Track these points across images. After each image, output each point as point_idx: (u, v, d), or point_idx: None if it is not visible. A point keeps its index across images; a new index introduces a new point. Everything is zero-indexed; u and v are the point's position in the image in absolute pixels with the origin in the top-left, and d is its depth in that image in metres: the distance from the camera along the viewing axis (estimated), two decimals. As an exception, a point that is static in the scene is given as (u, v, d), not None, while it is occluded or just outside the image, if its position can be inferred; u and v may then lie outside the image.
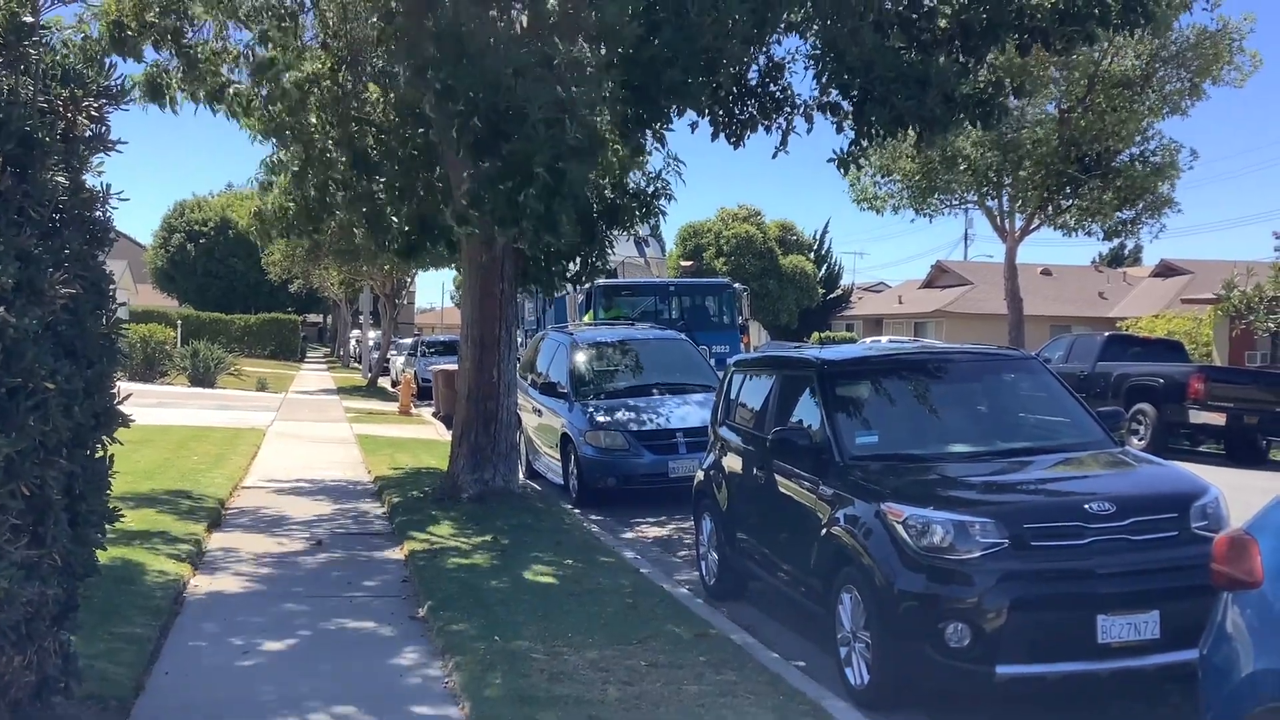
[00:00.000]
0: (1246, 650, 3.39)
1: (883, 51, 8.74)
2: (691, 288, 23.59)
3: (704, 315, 22.05)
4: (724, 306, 22.45)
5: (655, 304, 21.78)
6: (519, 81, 7.47)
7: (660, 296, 22.12)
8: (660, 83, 8.02)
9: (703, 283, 25.94)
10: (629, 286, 22.95)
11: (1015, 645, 5.62)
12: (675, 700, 5.70)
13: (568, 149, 7.67)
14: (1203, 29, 26.60)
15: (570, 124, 7.52)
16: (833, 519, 6.60)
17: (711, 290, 23.30)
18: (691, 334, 18.50)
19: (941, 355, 8.13)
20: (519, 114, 7.55)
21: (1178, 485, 6.34)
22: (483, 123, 7.74)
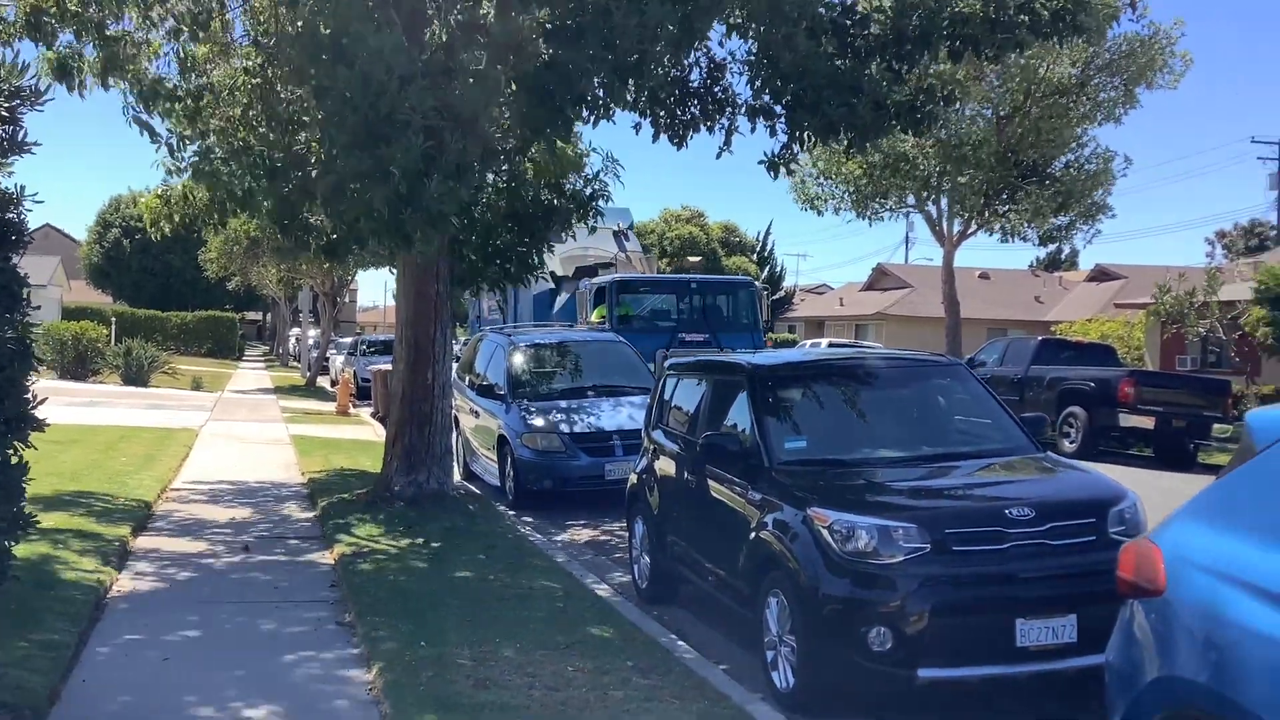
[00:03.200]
0: (1150, 657, 3.45)
1: (816, 58, 8.80)
2: (712, 285, 22.22)
3: (725, 315, 20.83)
4: (746, 306, 21.02)
5: (674, 302, 20.63)
6: (406, 89, 7.44)
7: (679, 294, 20.81)
8: (570, 88, 8.03)
9: (724, 280, 24.80)
10: (646, 283, 21.68)
11: (936, 649, 5.69)
12: (600, 705, 5.70)
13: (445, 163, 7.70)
14: (1135, 36, 27.12)
15: (452, 135, 7.55)
16: (761, 523, 6.63)
17: (733, 288, 21.85)
18: (714, 335, 18.59)
19: (871, 361, 8.20)
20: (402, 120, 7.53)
21: (1096, 491, 6.45)
22: (361, 125, 7.70)
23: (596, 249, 23.18)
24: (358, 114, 7.51)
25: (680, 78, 9.70)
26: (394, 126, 7.57)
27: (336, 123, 7.71)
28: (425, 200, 7.65)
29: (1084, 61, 27.20)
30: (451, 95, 8.17)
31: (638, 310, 20.18)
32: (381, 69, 7.37)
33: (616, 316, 19.30)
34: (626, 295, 20.21)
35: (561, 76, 7.96)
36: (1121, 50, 27.14)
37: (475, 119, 8.34)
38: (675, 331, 19.27)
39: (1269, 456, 3.32)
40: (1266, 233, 57.05)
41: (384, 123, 7.53)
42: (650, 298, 20.79)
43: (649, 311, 20.25)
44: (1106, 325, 38.15)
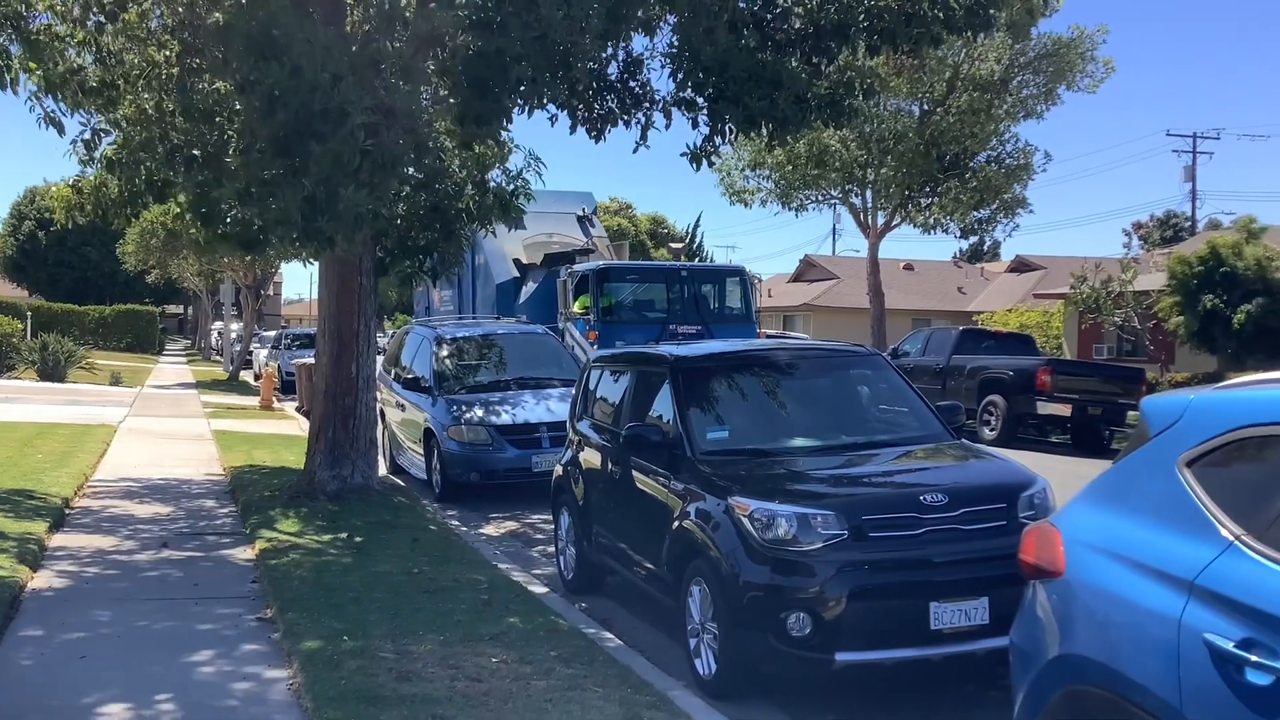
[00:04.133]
0: (1051, 636, 3.57)
1: (736, 51, 8.87)
2: (703, 273, 20.87)
3: (717, 305, 19.60)
4: (740, 295, 19.81)
5: (663, 292, 19.23)
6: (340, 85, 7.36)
7: (668, 283, 19.33)
8: (506, 79, 8.00)
9: (716, 268, 23.68)
10: (632, 271, 20.26)
11: (853, 633, 5.80)
12: (523, 696, 5.72)
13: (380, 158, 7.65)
14: (1058, 37, 27.70)
15: (388, 131, 7.50)
16: (684, 513, 6.71)
17: (725, 276, 20.49)
18: (706, 327, 17.65)
19: (791, 352, 8.32)
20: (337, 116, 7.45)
21: (1007, 477, 6.61)
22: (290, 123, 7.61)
23: (561, 235, 22.19)
24: (288, 111, 7.40)
25: (598, 71, 9.72)
26: (328, 123, 7.47)
27: (261, 119, 7.60)
28: (341, 205, 7.58)
29: (1008, 59, 27.71)
30: (380, 89, 8.09)
31: (624, 300, 18.83)
32: (315, 65, 7.27)
33: (601, 307, 18.14)
34: (611, 284, 18.84)
35: (496, 67, 7.93)
36: (1045, 50, 27.70)
37: (408, 113, 8.27)
38: (665, 323, 18.04)
39: (1160, 442, 3.45)
40: (1181, 224, 58.54)
41: (317, 119, 7.43)
42: (637, 287, 19.40)
43: (636, 302, 18.96)
44: (1026, 315, 38.95)
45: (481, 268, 22.18)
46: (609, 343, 15.92)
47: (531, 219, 20.63)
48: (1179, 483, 3.28)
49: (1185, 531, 3.18)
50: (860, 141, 28.50)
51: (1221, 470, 3.20)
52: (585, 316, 17.96)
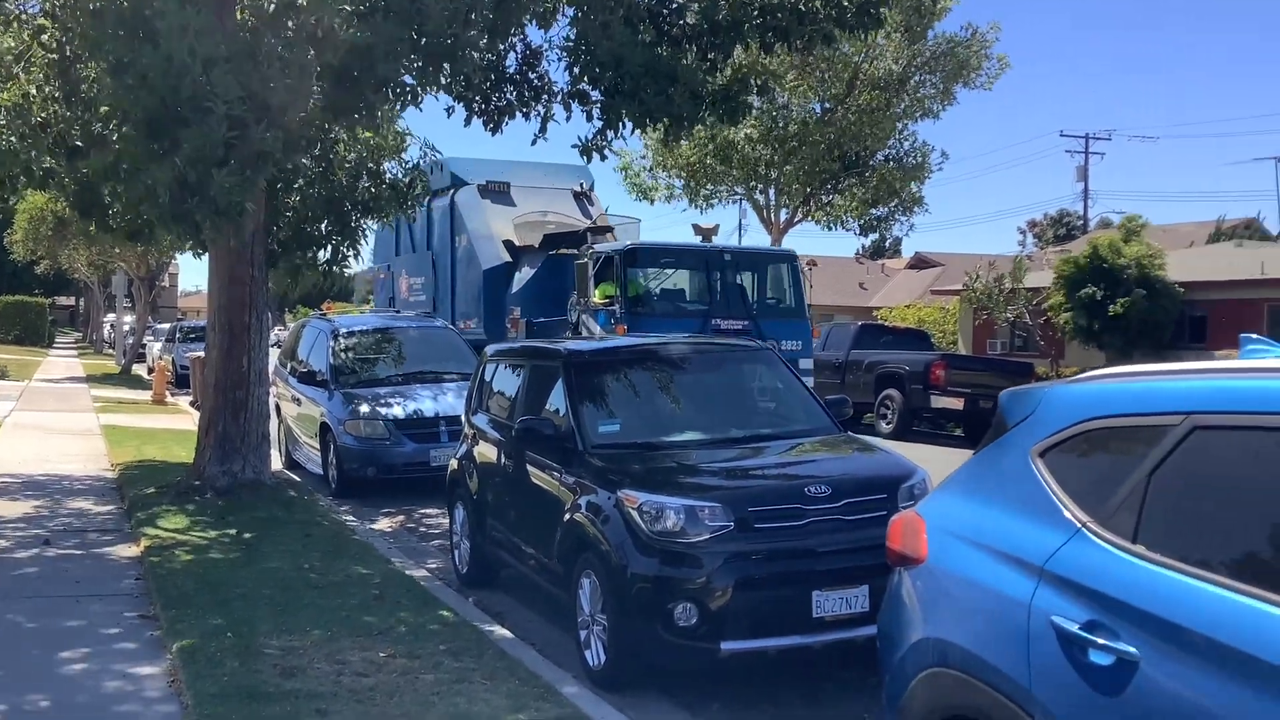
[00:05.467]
0: (914, 621, 3.68)
1: (632, 46, 8.91)
2: (750, 258, 16.83)
3: (765, 295, 16.33)
4: (790, 284, 16.40)
5: (702, 279, 15.78)
6: (210, 72, 7.24)
7: (709, 268, 15.55)
8: (373, 73, 7.95)
9: (764, 252, 19.11)
10: (667, 253, 16.48)
11: (739, 622, 5.91)
12: (409, 689, 5.71)
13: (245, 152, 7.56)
14: (953, 37, 28.33)
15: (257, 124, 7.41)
16: (575, 506, 6.75)
17: (774, 262, 16.91)
18: (753, 321, 14.83)
19: (683, 346, 8.41)
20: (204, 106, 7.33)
21: (888, 469, 6.78)
22: (158, 107, 7.47)
23: (557, 213, 19.11)
24: (155, 96, 7.25)
25: (495, 63, 9.69)
26: (195, 111, 7.34)
27: (131, 102, 7.43)
28: (213, 190, 7.45)
29: (905, 59, 28.26)
30: (257, 81, 7.96)
31: (656, 288, 15.78)
32: (185, 50, 7.13)
33: (629, 296, 14.85)
34: (641, 269, 15.55)
35: (365, 62, 7.86)
36: (941, 50, 28.30)
37: (282, 107, 8.15)
38: (707, 316, 14.73)
39: (1016, 433, 3.59)
40: (1074, 222, 60.28)
41: (184, 106, 7.30)
42: (671, 273, 16.36)
43: (670, 290, 15.90)
44: (924, 311, 39.77)
45: (463, 250, 18.78)
46: None
47: (523, 195, 18.79)
48: (1032, 472, 3.41)
49: (1037, 519, 3.31)
50: (765, 140, 28.79)
51: (1070, 460, 3.34)
52: (609, 307, 14.68)
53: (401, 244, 21.54)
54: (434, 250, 19.80)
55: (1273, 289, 28.48)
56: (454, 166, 19.08)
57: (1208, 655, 2.65)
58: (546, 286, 17.03)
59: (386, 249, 22.30)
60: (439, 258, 19.68)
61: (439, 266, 19.75)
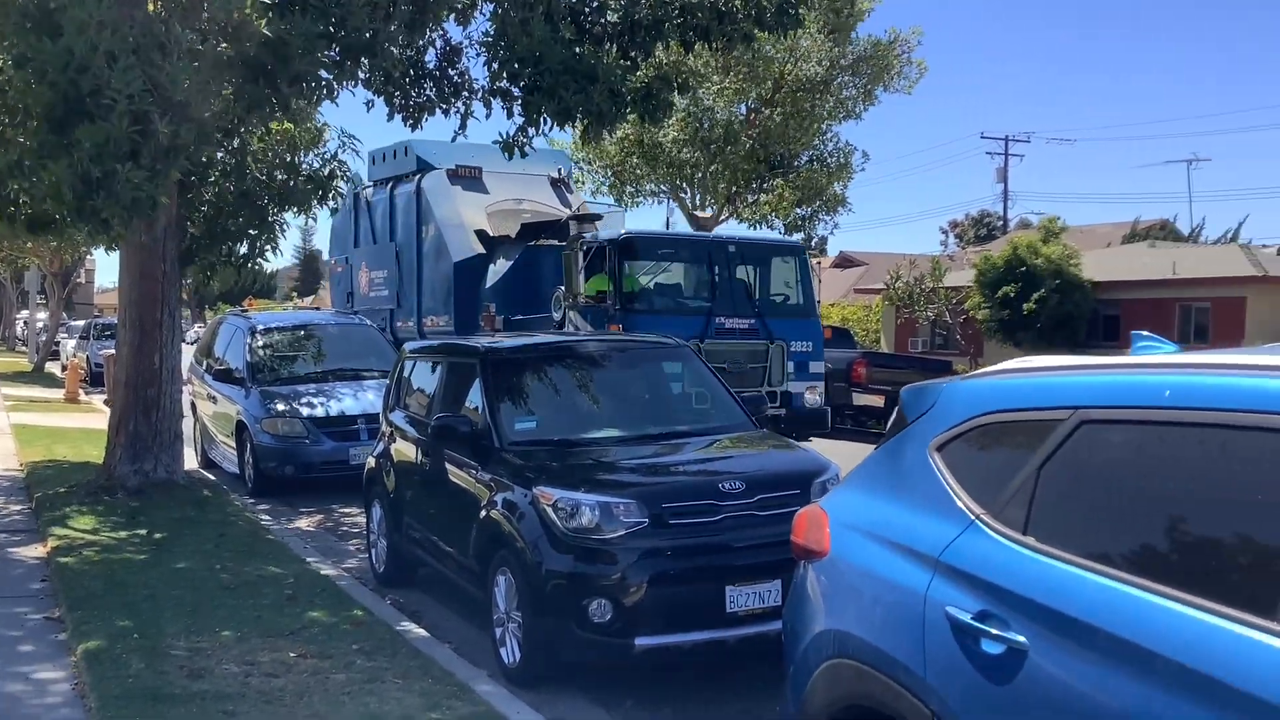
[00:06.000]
0: (816, 613, 3.73)
1: (552, 44, 8.90)
2: (757, 250, 14.91)
3: (773, 291, 14.63)
4: (799, 279, 14.69)
5: (703, 271, 14.11)
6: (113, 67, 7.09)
7: (712, 260, 13.85)
8: (286, 68, 7.85)
9: (772, 242, 17.32)
10: (665, 243, 14.77)
11: (653, 618, 5.93)
12: (319, 690, 5.65)
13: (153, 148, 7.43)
14: (876, 40, 28.69)
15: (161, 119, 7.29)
16: (491, 503, 6.73)
17: (782, 255, 15.16)
18: (760, 319, 13.41)
19: (601, 344, 8.42)
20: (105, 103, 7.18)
21: (802, 464, 6.85)
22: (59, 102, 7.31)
23: (533, 201, 17.51)
24: (55, 90, 7.08)
25: (415, 59, 9.62)
26: (98, 106, 7.18)
27: (33, 96, 7.25)
28: (119, 185, 7.29)
29: (829, 61, 28.54)
30: (165, 74, 7.81)
31: (654, 282, 14.03)
32: (86, 44, 6.96)
33: (624, 291, 13.21)
34: (637, 260, 13.79)
35: (279, 56, 7.76)
36: (863, 53, 28.64)
37: (191, 100, 8.00)
38: (710, 314, 13.18)
39: (916, 427, 3.65)
40: (994, 223, 61.35)
41: (87, 100, 7.13)
42: (670, 265, 14.48)
43: (669, 285, 14.22)
44: (848, 310, 40.25)
45: (431, 240, 16.96)
46: None
47: (495, 181, 16.95)
48: (929, 466, 3.47)
49: (934, 512, 3.37)
50: (690, 142, 28.90)
51: (966, 454, 3.41)
52: (601, 303, 13.09)
53: (361, 234, 19.42)
54: (397, 241, 17.81)
55: (1183, 288, 29.31)
56: (420, 149, 17.28)
57: (1092, 643, 2.72)
58: (525, 280, 15.41)
59: (344, 240, 20.28)
60: (403, 249, 17.73)
61: (403, 259, 17.86)
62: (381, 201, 17.94)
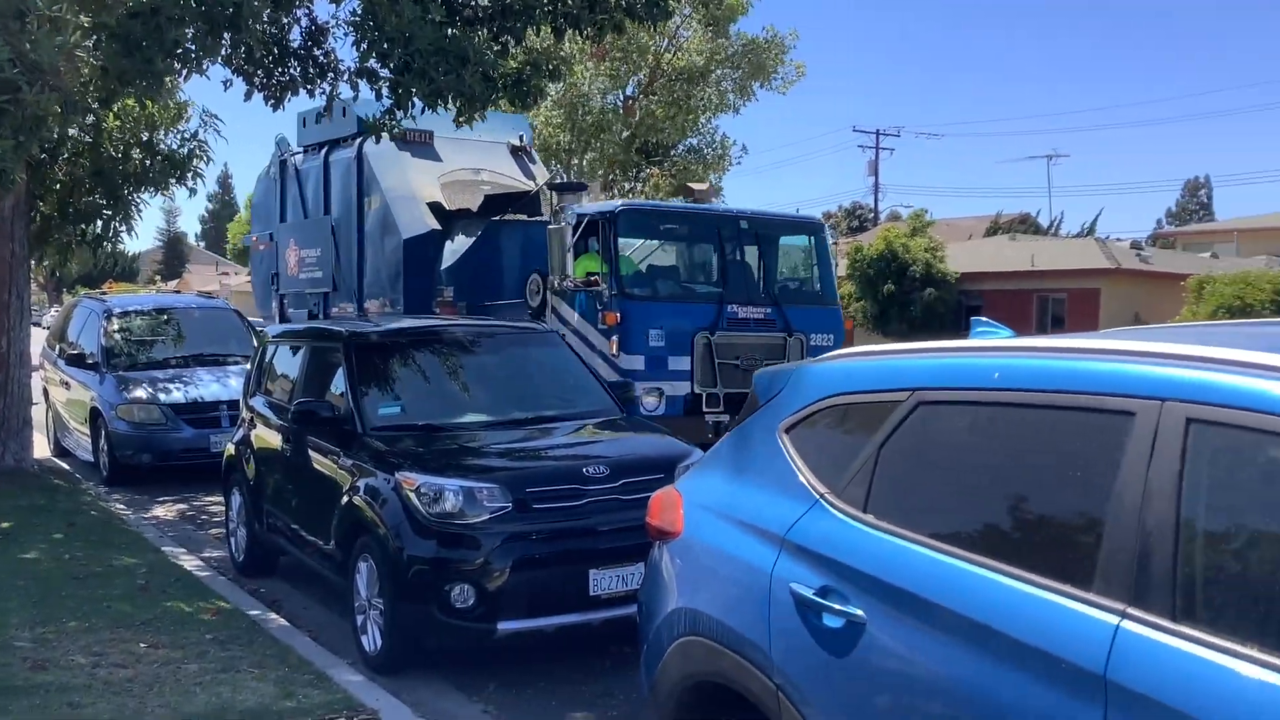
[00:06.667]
0: (670, 593, 3.79)
1: (422, 24, 8.77)
2: (772, 226, 12.50)
3: (791, 275, 12.76)
4: (818, 262, 12.64)
5: (711, 251, 12.03)
6: None
7: (722, 237, 11.77)
8: (161, 40, 7.59)
9: (788, 219, 13.81)
10: (669, 215, 12.84)
11: (515, 602, 5.94)
12: (171, 680, 5.52)
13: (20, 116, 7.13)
14: (753, 38, 29.03)
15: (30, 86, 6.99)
16: (353, 489, 6.64)
17: (800, 233, 12.97)
18: (777, 308, 11.44)
19: (468, 328, 8.38)
20: None
21: (665, 449, 6.92)
22: None
23: (492, 171, 15.43)
24: None
25: (279, 36, 9.38)
26: None
27: None
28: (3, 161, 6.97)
29: (708, 53, 28.79)
30: (25, 42, 7.47)
31: (654, 264, 12.17)
32: None
33: (620, 274, 11.06)
34: (635, 237, 12.02)
35: (151, 27, 7.50)
36: (741, 49, 28.95)
37: (55, 69, 7.67)
38: (720, 301, 11.19)
39: (767, 410, 3.73)
40: (866, 214, 62.66)
41: None
42: (672, 243, 12.64)
43: (668, 268, 12.28)
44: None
45: (375, 214, 14.57)
46: (638, 329, 10.61)
47: (449, 148, 14.62)
48: (778, 447, 3.56)
49: (781, 492, 3.45)
50: (564, 127, 28.87)
51: (813, 435, 3.50)
52: (594, 287, 11.04)
53: (288, 207, 16.70)
54: (334, 215, 15.26)
55: (1042, 280, 30.43)
56: (361, 110, 13.84)
57: (924, 616, 2.83)
58: (488, 261, 13.42)
59: (267, 214, 17.46)
60: (340, 224, 15.13)
61: (341, 235, 15.20)
62: (314, 170, 15.59)
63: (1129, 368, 2.63)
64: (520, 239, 13.10)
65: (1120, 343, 2.76)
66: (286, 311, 16.16)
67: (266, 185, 17.26)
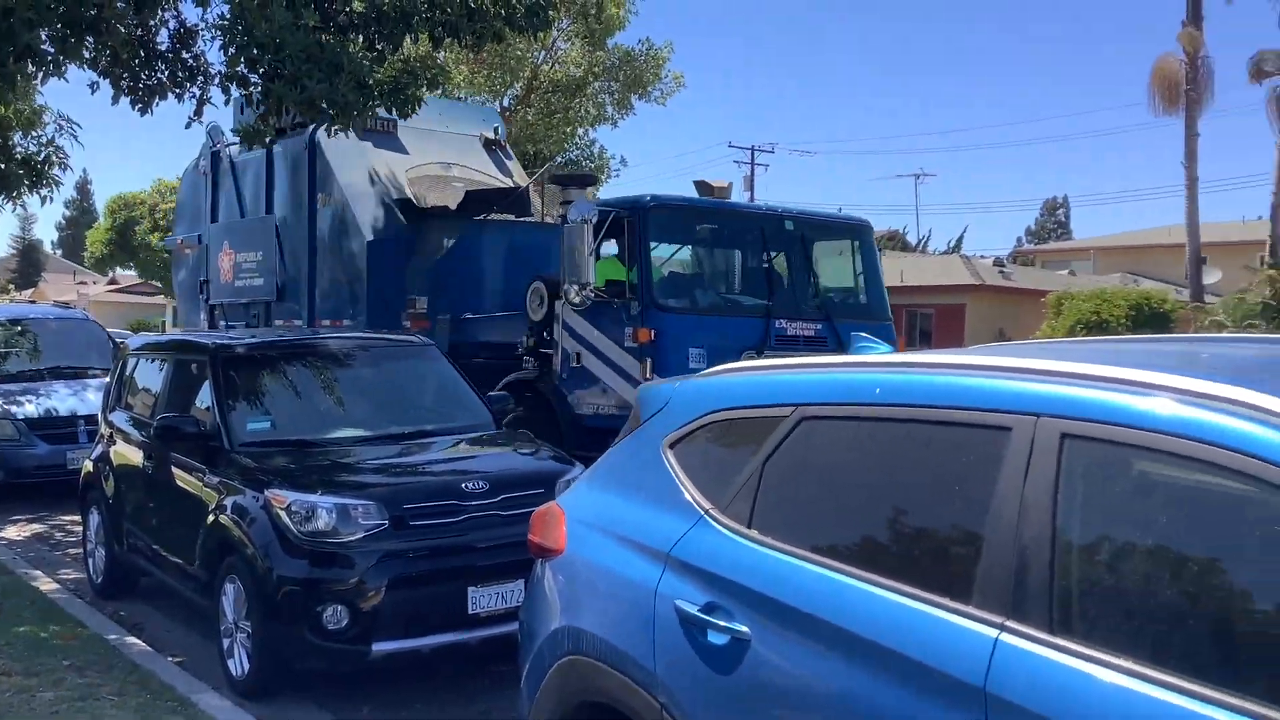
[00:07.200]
0: (552, 611, 3.73)
1: (294, 30, 8.56)
2: (818, 229, 10.69)
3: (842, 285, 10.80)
4: (865, 269, 10.74)
5: (755, 255, 10.11)
6: None
7: (765, 238, 9.98)
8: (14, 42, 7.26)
9: (836, 220, 11.80)
10: (707, 213, 10.52)
11: (391, 623, 5.80)
12: (25, 708, 5.25)
13: None
14: (629, 51, 29.15)
15: None
16: (220, 507, 6.43)
17: (846, 235, 10.92)
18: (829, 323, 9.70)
19: (342, 341, 8.20)
20: None
21: (545, 464, 6.87)
22: None
23: (464, 166, 13.57)
24: None
25: (145, 39, 9.05)
26: None
27: None
28: None
29: (586, 66, 28.82)
30: None
31: (693, 270, 10.66)
32: None
33: (653, 280, 9.31)
34: (671, 235, 10.17)
35: (2, 29, 7.15)
36: (619, 61, 29.05)
37: None
38: (769, 316, 9.41)
39: (650, 425, 3.71)
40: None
41: None
42: (713, 238, 10.57)
43: (712, 274, 10.74)
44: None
45: (330, 213, 12.62)
46: (676, 347, 8.93)
47: (415, 139, 13.07)
48: (662, 463, 3.54)
49: (666, 508, 3.43)
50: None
51: (697, 450, 3.49)
52: (619, 298, 9.22)
53: (222, 205, 14.59)
54: (279, 214, 13.35)
55: (911, 295, 31.20)
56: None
57: (808, 631, 2.83)
58: (469, 267, 11.78)
59: (194, 213, 15.41)
60: (287, 225, 13.22)
61: (287, 237, 13.22)
62: (254, 162, 13.65)
63: (1006, 384, 2.68)
64: (507, 242, 11.81)
65: (998, 359, 2.82)
66: (219, 323, 14.33)
67: (194, 181, 15.43)
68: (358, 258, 12.17)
